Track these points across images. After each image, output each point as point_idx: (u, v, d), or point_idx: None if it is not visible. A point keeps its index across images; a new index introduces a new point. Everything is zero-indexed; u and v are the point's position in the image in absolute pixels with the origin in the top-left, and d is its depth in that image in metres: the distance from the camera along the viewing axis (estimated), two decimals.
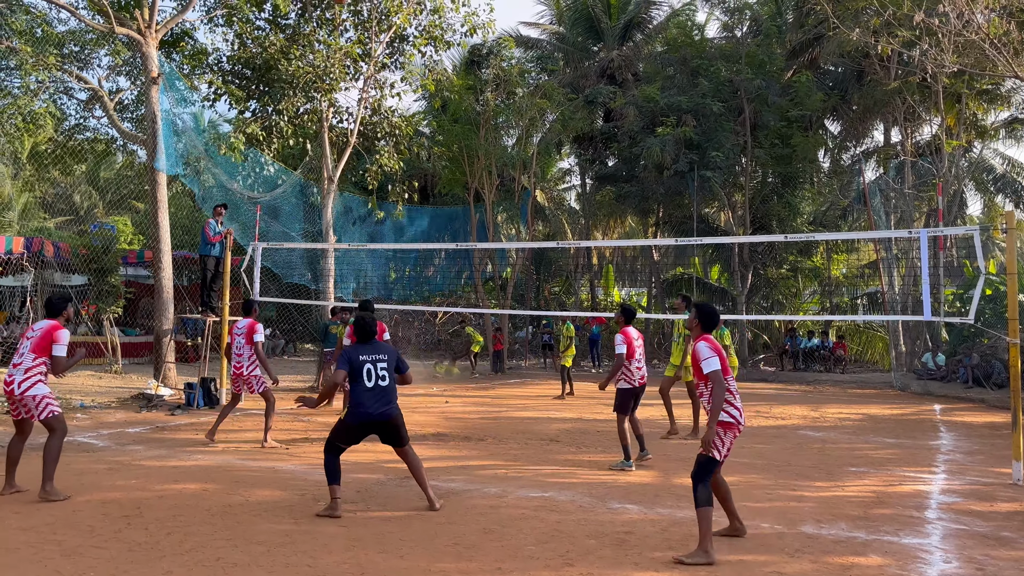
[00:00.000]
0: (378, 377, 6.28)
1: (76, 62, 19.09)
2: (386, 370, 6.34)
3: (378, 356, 6.34)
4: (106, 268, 19.39)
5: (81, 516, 5.99)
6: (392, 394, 6.37)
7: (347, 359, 6.32)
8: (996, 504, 6.99)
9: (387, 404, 6.31)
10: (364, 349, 6.38)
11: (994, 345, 19.06)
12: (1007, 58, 14.01)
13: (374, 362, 6.32)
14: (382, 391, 6.29)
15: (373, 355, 6.34)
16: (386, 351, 6.45)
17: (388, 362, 6.40)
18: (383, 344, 6.54)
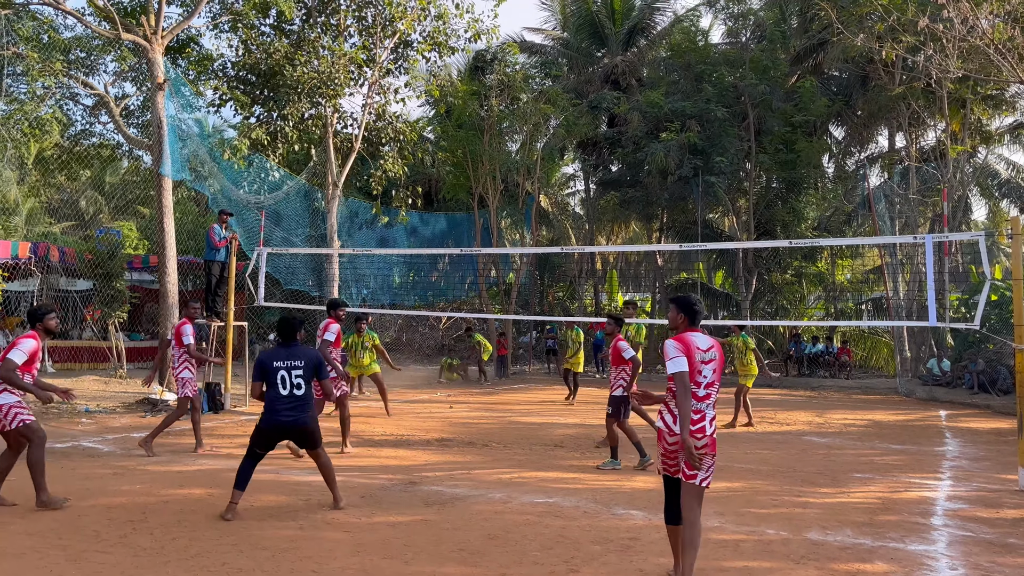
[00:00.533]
0: (293, 385, 6.20)
1: (82, 68, 19.16)
2: (301, 378, 6.23)
3: (293, 363, 6.24)
4: (111, 273, 19.46)
5: (86, 521, 6.00)
6: (307, 402, 6.29)
7: (260, 366, 6.27)
8: (1002, 511, 6.97)
9: (302, 412, 6.24)
10: (281, 354, 6.30)
11: (1000, 351, 19.01)
12: (1012, 63, 14.00)
13: (289, 369, 6.22)
14: (296, 400, 6.21)
15: (289, 361, 6.25)
16: (304, 356, 6.32)
17: (304, 369, 6.27)
18: (304, 349, 6.42)
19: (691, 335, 4.90)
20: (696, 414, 4.74)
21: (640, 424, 9.74)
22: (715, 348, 4.92)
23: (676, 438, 4.71)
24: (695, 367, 4.80)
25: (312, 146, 21.15)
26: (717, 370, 4.89)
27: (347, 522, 6.12)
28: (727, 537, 5.91)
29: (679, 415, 4.71)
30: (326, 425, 11.78)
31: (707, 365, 4.85)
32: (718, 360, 4.90)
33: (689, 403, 4.69)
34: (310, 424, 6.33)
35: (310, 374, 6.30)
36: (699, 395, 4.80)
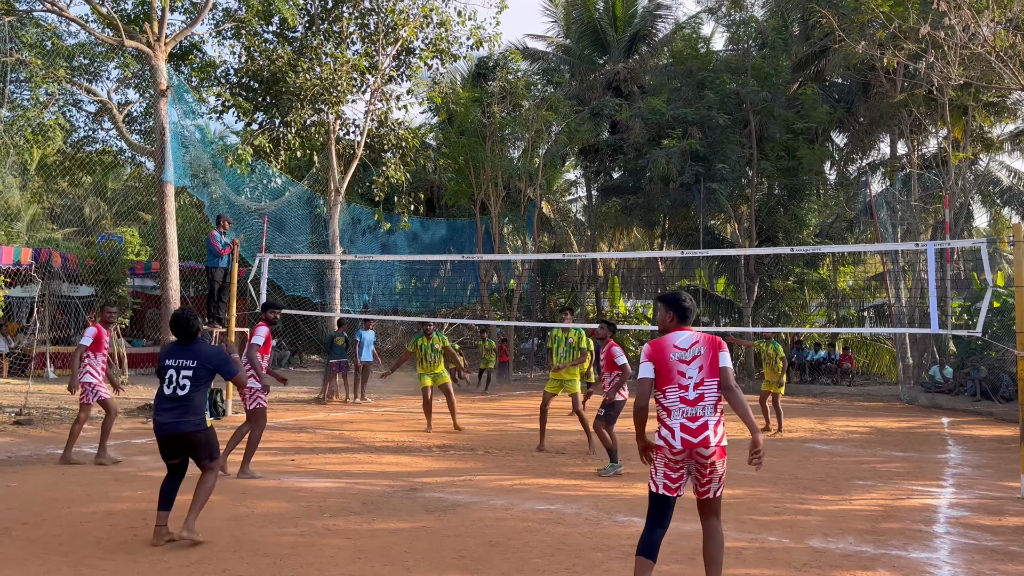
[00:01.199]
0: (177, 385, 5.64)
1: (85, 75, 19.25)
2: (189, 379, 5.63)
3: (184, 361, 5.68)
4: (113, 279, 19.48)
5: (88, 527, 5.99)
6: (189, 406, 5.64)
7: (159, 362, 5.84)
8: (1005, 518, 6.95)
9: (181, 416, 5.61)
10: (175, 351, 5.76)
11: (1002, 358, 18.98)
12: (1013, 71, 14.01)
13: (178, 367, 5.68)
14: (177, 401, 5.62)
15: (180, 359, 5.69)
16: (199, 356, 5.71)
17: (196, 370, 5.66)
18: (203, 347, 5.81)
19: (672, 335, 4.53)
20: (694, 421, 4.31)
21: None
22: (700, 343, 4.44)
23: (680, 453, 4.32)
24: (671, 368, 4.40)
25: (314, 152, 21.19)
26: (707, 366, 4.38)
27: (348, 528, 6.11)
28: (729, 544, 5.87)
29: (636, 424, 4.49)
30: (330, 432, 11.78)
31: (690, 364, 4.40)
32: (705, 355, 4.41)
33: (640, 415, 4.43)
34: (190, 430, 5.62)
35: (204, 376, 5.69)
36: (689, 398, 4.35)
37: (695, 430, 4.31)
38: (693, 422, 4.33)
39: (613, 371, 8.87)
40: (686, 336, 4.49)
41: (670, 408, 4.39)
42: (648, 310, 33.51)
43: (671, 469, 4.36)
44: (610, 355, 8.89)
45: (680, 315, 4.58)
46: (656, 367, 4.44)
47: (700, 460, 4.33)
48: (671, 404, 4.39)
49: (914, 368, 22.00)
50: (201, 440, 5.69)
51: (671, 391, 4.40)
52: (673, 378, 4.39)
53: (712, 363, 4.39)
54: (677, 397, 4.38)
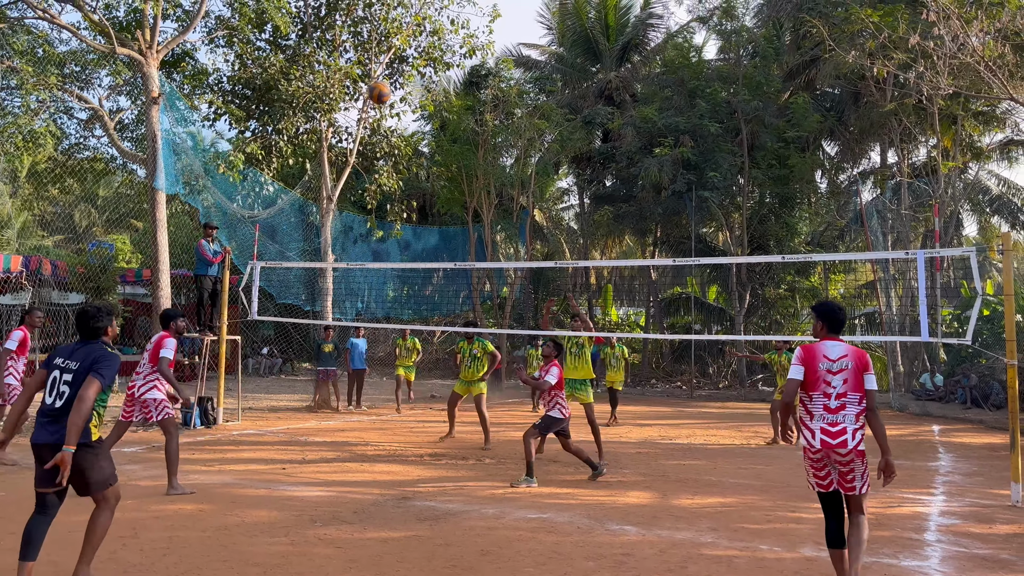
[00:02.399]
0: (57, 393, 4.60)
1: (77, 82, 19.22)
2: (69, 384, 4.57)
3: (69, 362, 4.65)
4: (103, 287, 19.40)
5: (76, 537, 5.93)
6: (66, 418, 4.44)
7: (47, 359, 4.79)
8: (995, 526, 6.97)
9: (56, 433, 4.49)
10: (66, 350, 4.76)
11: (992, 366, 19.07)
12: (1002, 80, 14.13)
13: (62, 369, 4.64)
14: (56, 414, 4.56)
15: (66, 360, 4.67)
16: (83, 357, 4.65)
17: (76, 374, 4.58)
18: (93, 348, 4.74)
19: (823, 345, 4.94)
20: (833, 427, 4.72)
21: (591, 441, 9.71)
22: (848, 357, 4.83)
23: (819, 452, 4.75)
24: (819, 377, 4.81)
25: (307, 160, 21.19)
26: (851, 379, 4.77)
27: (339, 538, 6.08)
28: (721, 553, 5.89)
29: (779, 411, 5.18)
30: (323, 440, 11.72)
31: (836, 375, 4.80)
32: (852, 369, 4.79)
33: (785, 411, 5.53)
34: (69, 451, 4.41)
35: (81, 381, 4.56)
36: (831, 407, 4.76)
37: (834, 433, 4.71)
38: (833, 427, 4.74)
39: (555, 390, 8.75)
40: (837, 348, 4.90)
41: (813, 412, 4.84)
42: (640, 318, 33.56)
43: (816, 468, 4.85)
44: (545, 372, 8.77)
45: (831, 325, 5.03)
46: (806, 371, 4.86)
47: (839, 459, 4.73)
48: (814, 409, 4.83)
49: (905, 376, 22.08)
50: (85, 464, 4.54)
51: (817, 397, 4.83)
52: (819, 386, 4.81)
53: (856, 380, 4.79)
54: (821, 404, 4.80)
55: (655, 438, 13.06)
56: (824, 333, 5.04)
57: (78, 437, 4.42)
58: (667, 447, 12.01)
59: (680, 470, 9.74)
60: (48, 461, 4.45)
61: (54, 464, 4.38)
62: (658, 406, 19.73)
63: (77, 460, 4.47)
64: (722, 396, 23.22)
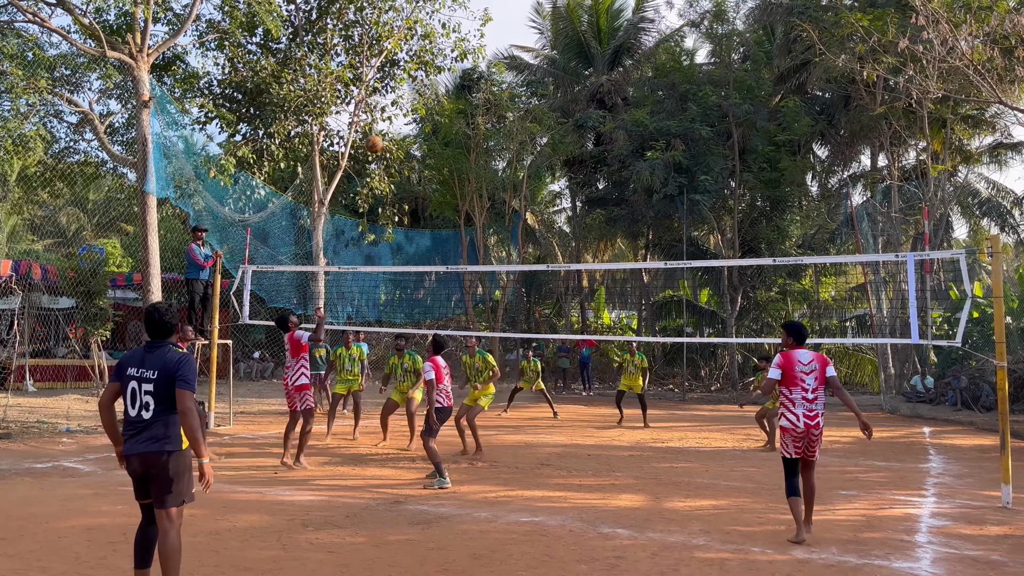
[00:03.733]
0: (142, 405, 4.47)
1: (67, 85, 19.14)
2: (151, 394, 4.46)
3: (144, 371, 4.48)
4: (94, 291, 19.28)
5: (67, 543, 5.92)
6: (155, 432, 4.45)
7: (116, 370, 4.61)
8: (986, 527, 7.00)
9: (148, 444, 4.44)
10: (137, 357, 4.57)
11: (982, 368, 19.15)
12: (991, 84, 14.22)
13: (139, 379, 4.48)
14: (141, 426, 4.47)
15: (140, 368, 4.50)
16: (158, 363, 4.49)
17: (156, 383, 4.45)
18: (168, 353, 4.55)
19: (796, 353, 6.64)
20: (811, 412, 6.44)
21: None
22: (815, 360, 6.58)
23: (802, 431, 6.41)
24: (797, 377, 6.51)
25: (298, 164, 21.14)
26: (819, 377, 6.53)
27: (331, 542, 6.07)
28: (712, 555, 5.90)
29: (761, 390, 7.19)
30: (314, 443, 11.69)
31: (808, 375, 6.53)
32: (818, 369, 6.54)
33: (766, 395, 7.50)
34: (155, 457, 4.43)
35: (165, 388, 4.45)
36: (808, 397, 6.49)
37: (812, 417, 6.45)
38: (811, 412, 6.46)
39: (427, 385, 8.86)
40: (807, 355, 6.63)
41: (795, 402, 6.50)
42: (632, 321, 33.59)
43: (796, 441, 6.49)
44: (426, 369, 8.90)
45: (798, 339, 6.74)
46: (784, 373, 6.55)
47: (814, 435, 6.47)
48: (796, 400, 6.49)
49: (896, 378, 22.16)
50: (168, 466, 4.46)
51: (796, 391, 6.51)
52: (798, 384, 6.52)
53: (821, 375, 6.55)
54: (800, 397, 6.50)
55: (647, 441, 13.07)
56: (793, 344, 6.69)
57: (204, 448, 4.53)
58: (659, 450, 12.02)
59: (672, 473, 9.75)
60: (140, 470, 4.49)
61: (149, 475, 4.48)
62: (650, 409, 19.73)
63: (169, 466, 4.46)
64: (714, 399, 23.24)
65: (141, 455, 4.45)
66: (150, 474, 4.47)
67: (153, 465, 4.45)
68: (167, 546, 4.44)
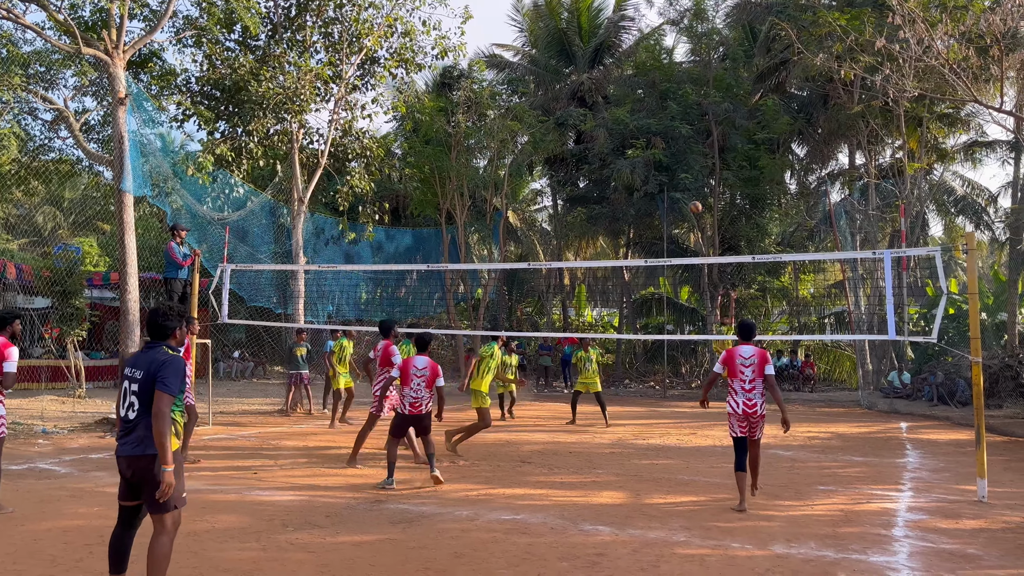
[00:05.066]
0: (128, 404, 4.45)
1: (41, 82, 18.88)
2: (136, 394, 4.42)
3: (135, 370, 4.46)
4: (70, 291, 19.04)
5: (42, 545, 5.84)
6: (141, 433, 4.39)
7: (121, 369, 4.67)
8: (962, 521, 7.09)
9: (133, 447, 4.39)
10: (134, 358, 4.58)
11: (958, 363, 19.41)
12: (966, 83, 14.38)
13: (129, 379, 4.47)
14: (128, 426, 4.44)
15: (132, 368, 4.50)
16: (146, 363, 4.44)
17: (141, 384, 4.42)
18: (156, 354, 4.50)
19: (740, 348, 7.63)
20: (749, 401, 7.46)
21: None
22: (755, 355, 7.53)
23: (743, 415, 7.49)
24: (737, 369, 7.53)
25: (277, 162, 20.99)
26: (756, 369, 7.46)
27: (311, 542, 6.04)
28: (692, 552, 5.93)
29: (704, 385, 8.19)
30: (296, 444, 11.60)
31: (747, 368, 7.50)
32: (757, 364, 7.48)
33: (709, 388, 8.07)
34: (144, 461, 4.37)
35: (149, 391, 4.39)
36: (746, 387, 7.49)
37: (751, 405, 7.47)
38: (750, 401, 7.48)
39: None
40: (749, 350, 7.58)
41: (737, 391, 7.55)
42: (614, 319, 33.68)
43: (740, 423, 7.55)
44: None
45: (744, 336, 7.76)
46: (728, 367, 7.60)
47: (753, 419, 7.51)
48: (738, 389, 7.54)
49: (873, 374, 22.38)
50: (152, 477, 4.37)
51: (736, 383, 7.55)
52: (738, 375, 7.54)
53: (760, 369, 7.49)
54: (740, 387, 7.53)
55: (628, 438, 13.11)
56: (740, 341, 7.73)
57: (168, 453, 4.34)
58: (640, 447, 12.06)
59: (653, 470, 9.79)
60: (127, 473, 4.44)
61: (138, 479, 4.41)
62: (631, 406, 19.82)
63: (152, 472, 4.37)
64: (695, 395, 23.34)
65: (128, 458, 4.40)
66: (139, 478, 4.41)
67: (140, 469, 4.39)
68: (156, 551, 4.39)
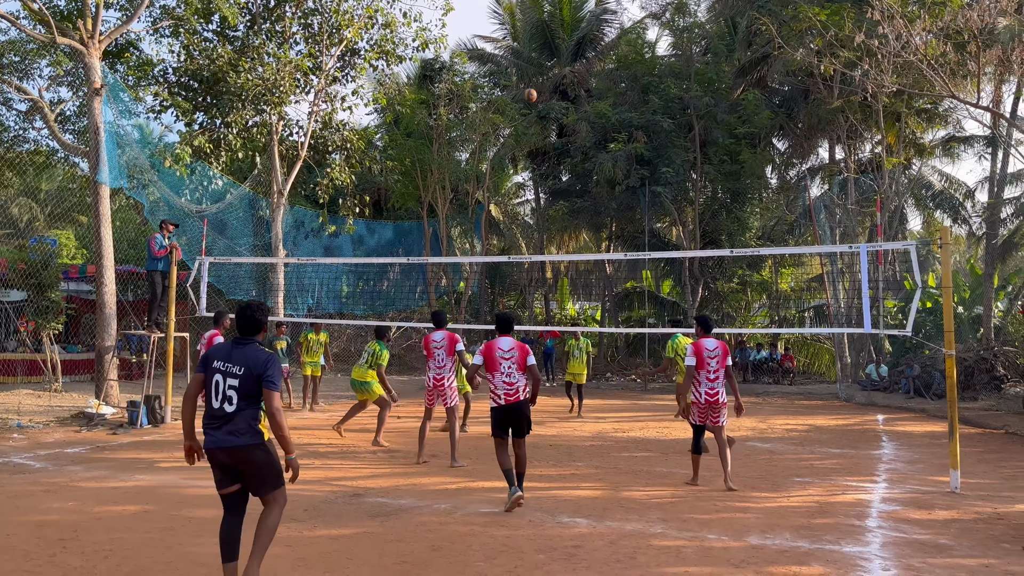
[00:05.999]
0: (223, 397, 4.67)
1: (16, 72, 18.61)
2: (235, 390, 4.64)
3: (230, 367, 4.68)
4: (45, 283, 18.81)
5: (15, 540, 5.78)
6: (238, 424, 4.65)
7: (202, 362, 4.84)
8: (934, 512, 7.18)
9: (231, 437, 4.66)
10: (224, 351, 4.80)
11: (934, 356, 19.61)
12: (944, 78, 14.52)
13: (223, 373, 4.68)
14: (223, 418, 4.67)
15: (226, 363, 4.70)
16: (246, 362, 4.69)
17: (241, 379, 4.64)
18: (254, 351, 4.78)
19: (704, 341, 8.17)
20: (712, 390, 8.09)
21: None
22: (719, 347, 8.16)
23: (705, 404, 8.10)
24: (705, 361, 8.10)
25: (256, 154, 20.84)
26: (720, 360, 8.12)
27: (288, 536, 6.01)
28: (669, 543, 5.96)
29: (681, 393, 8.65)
30: None
31: (713, 359, 8.12)
32: (720, 356, 8.12)
33: (689, 385, 8.21)
34: (242, 451, 4.65)
35: (249, 387, 4.63)
36: (711, 378, 8.11)
37: (713, 394, 8.11)
38: (712, 390, 8.10)
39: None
40: (712, 343, 8.19)
41: (701, 381, 8.12)
42: (596, 312, 33.76)
43: (701, 412, 8.17)
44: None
45: (706, 329, 8.33)
46: (696, 359, 8.09)
47: (716, 407, 8.13)
48: (702, 380, 8.12)
49: (852, 367, 22.59)
50: (258, 459, 4.69)
51: (703, 373, 8.12)
52: (704, 367, 8.11)
53: (723, 361, 8.16)
54: (705, 377, 8.11)
55: (609, 431, 13.17)
56: (702, 334, 8.28)
57: (291, 444, 4.70)
58: (620, 440, 12.11)
59: (632, 462, 9.83)
60: (223, 464, 4.72)
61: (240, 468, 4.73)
62: (613, 399, 19.89)
63: (256, 459, 4.69)
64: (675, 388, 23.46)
65: (228, 449, 4.66)
66: (240, 469, 4.72)
67: (242, 460, 4.69)
68: (267, 522, 4.78)
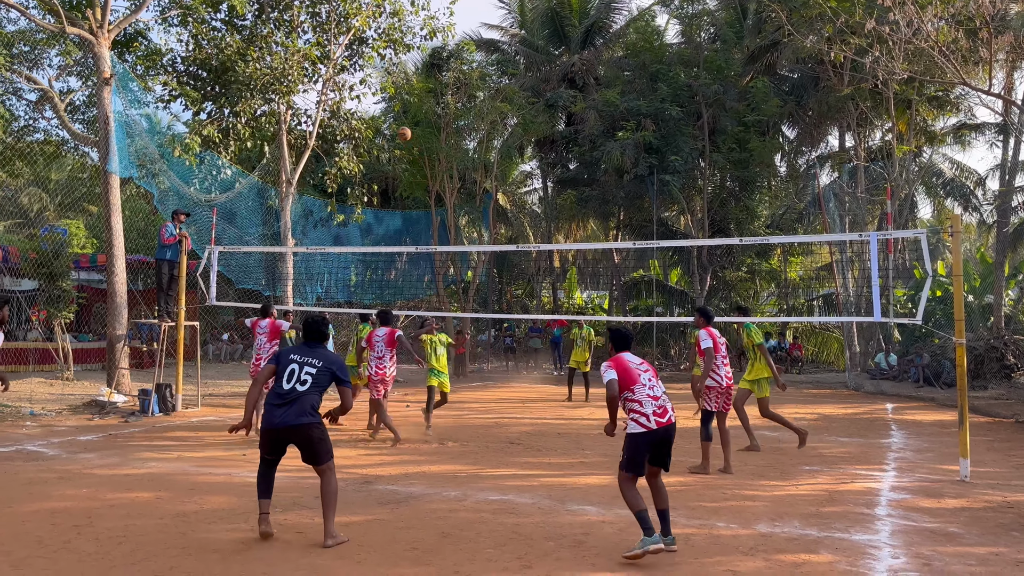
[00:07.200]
0: (298, 379, 5.62)
1: (26, 62, 18.67)
2: (312, 376, 5.65)
3: (310, 359, 5.72)
4: (57, 272, 18.93)
5: (29, 527, 5.85)
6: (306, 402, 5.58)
7: (277, 357, 5.84)
8: (944, 500, 7.17)
9: (297, 412, 5.56)
10: (301, 350, 5.81)
11: (944, 345, 19.55)
12: (955, 65, 14.41)
13: (302, 363, 5.68)
14: (294, 396, 5.58)
15: (306, 357, 5.73)
16: (323, 358, 5.74)
17: (320, 369, 5.69)
18: (325, 352, 5.85)
19: (713, 329, 8.41)
20: (728, 374, 8.55)
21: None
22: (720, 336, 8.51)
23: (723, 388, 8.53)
24: (719, 346, 8.34)
25: (265, 143, 20.86)
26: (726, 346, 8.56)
27: (299, 523, 6.06)
28: (678, 531, 5.97)
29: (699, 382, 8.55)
30: None
31: (722, 345, 8.44)
32: (724, 343, 8.52)
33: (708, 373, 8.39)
34: (305, 429, 5.55)
35: (326, 378, 5.67)
36: (726, 362, 8.52)
37: (729, 378, 8.56)
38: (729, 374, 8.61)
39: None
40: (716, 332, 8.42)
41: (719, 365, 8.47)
42: (604, 301, 33.75)
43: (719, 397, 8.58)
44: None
45: (706, 319, 8.48)
46: (712, 341, 8.31)
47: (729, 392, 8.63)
48: (720, 364, 8.46)
49: (861, 356, 22.54)
50: (314, 437, 5.57)
51: (719, 358, 8.42)
52: (719, 351, 8.39)
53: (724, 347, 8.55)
54: (722, 361, 8.49)
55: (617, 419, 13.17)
56: (702, 324, 8.46)
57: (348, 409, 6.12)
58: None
59: None
60: (282, 440, 5.61)
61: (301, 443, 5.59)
62: None
63: (314, 435, 5.58)
64: (684, 377, 23.42)
65: (292, 427, 5.52)
66: (299, 442, 5.58)
67: (304, 436, 5.55)
68: (328, 489, 5.59)
